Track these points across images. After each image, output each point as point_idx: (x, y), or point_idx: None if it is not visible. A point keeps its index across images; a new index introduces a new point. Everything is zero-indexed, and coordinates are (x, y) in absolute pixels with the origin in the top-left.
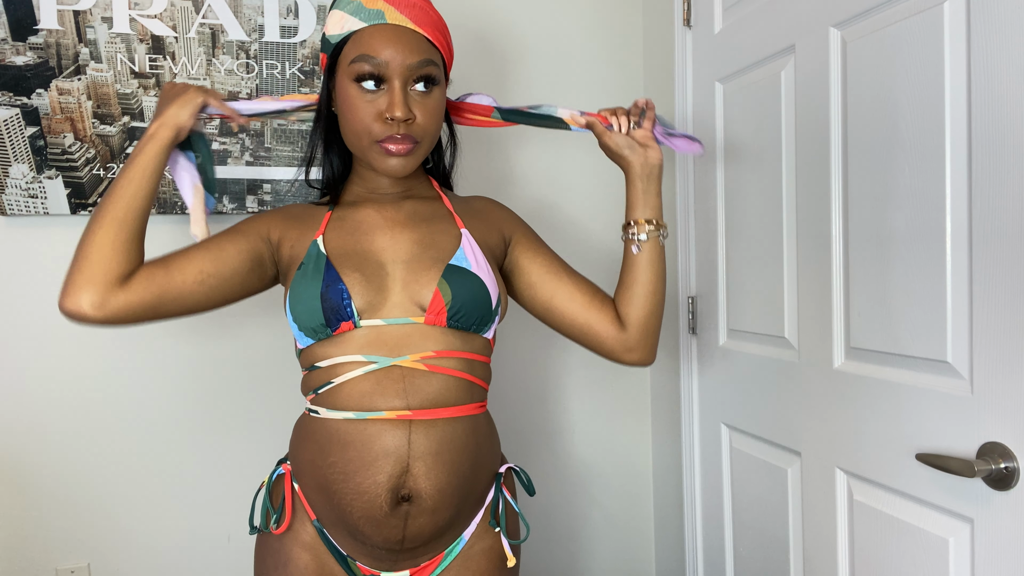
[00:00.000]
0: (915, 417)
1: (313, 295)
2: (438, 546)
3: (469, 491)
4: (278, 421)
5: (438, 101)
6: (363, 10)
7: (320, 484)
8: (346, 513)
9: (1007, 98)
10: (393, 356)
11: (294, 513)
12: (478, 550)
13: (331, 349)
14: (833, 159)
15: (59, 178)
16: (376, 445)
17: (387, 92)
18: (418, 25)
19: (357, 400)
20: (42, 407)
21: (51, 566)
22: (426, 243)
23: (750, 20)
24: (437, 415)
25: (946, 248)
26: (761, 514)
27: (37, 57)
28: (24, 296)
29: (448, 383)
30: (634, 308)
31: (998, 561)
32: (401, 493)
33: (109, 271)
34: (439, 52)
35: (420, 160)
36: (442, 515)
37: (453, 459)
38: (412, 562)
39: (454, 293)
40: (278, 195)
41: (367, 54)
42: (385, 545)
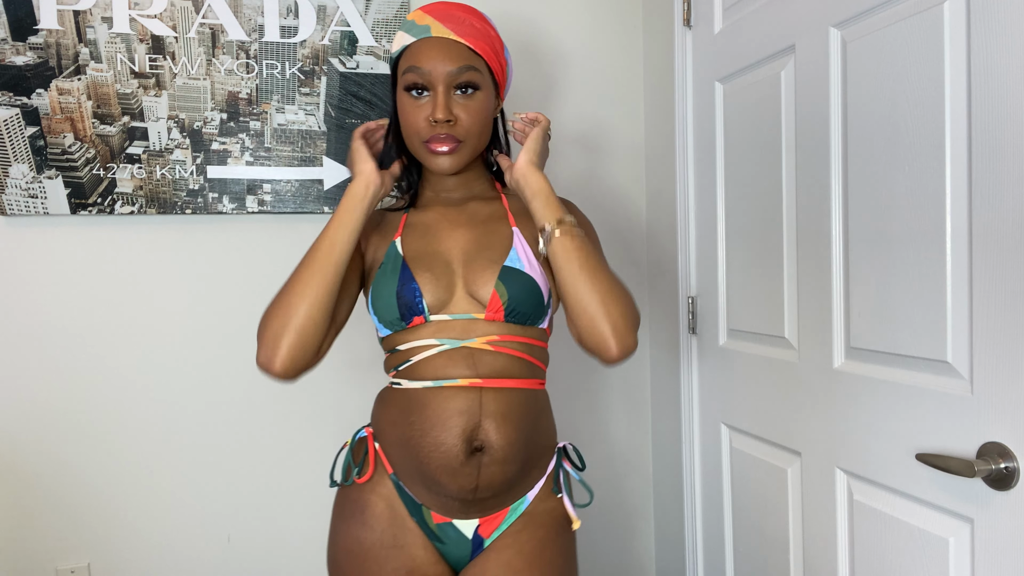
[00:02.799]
0: (915, 417)
1: (390, 293)
2: (505, 500)
3: (532, 451)
4: (278, 421)
5: (481, 104)
6: (415, 27)
7: (401, 440)
8: (424, 464)
9: (1007, 98)
10: (461, 339)
11: (375, 469)
12: (542, 510)
13: (407, 336)
14: (833, 159)
15: (59, 178)
16: (451, 405)
17: (432, 97)
18: (461, 36)
19: (433, 371)
20: (42, 407)
21: (51, 566)
22: (483, 244)
23: (750, 20)
24: (503, 384)
25: (946, 248)
26: (761, 514)
27: (37, 57)
28: (24, 296)
29: (511, 360)
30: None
31: (998, 561)
32: (474, 444)
33: (315, 346)
34: (483, 60)
35: (466, 158)
36: (511, 467)
37: (518, 420)
38: (481, 512)
39: (510, 294)
40: (278, 195)
41: (414, 65)
42: (459, 494)
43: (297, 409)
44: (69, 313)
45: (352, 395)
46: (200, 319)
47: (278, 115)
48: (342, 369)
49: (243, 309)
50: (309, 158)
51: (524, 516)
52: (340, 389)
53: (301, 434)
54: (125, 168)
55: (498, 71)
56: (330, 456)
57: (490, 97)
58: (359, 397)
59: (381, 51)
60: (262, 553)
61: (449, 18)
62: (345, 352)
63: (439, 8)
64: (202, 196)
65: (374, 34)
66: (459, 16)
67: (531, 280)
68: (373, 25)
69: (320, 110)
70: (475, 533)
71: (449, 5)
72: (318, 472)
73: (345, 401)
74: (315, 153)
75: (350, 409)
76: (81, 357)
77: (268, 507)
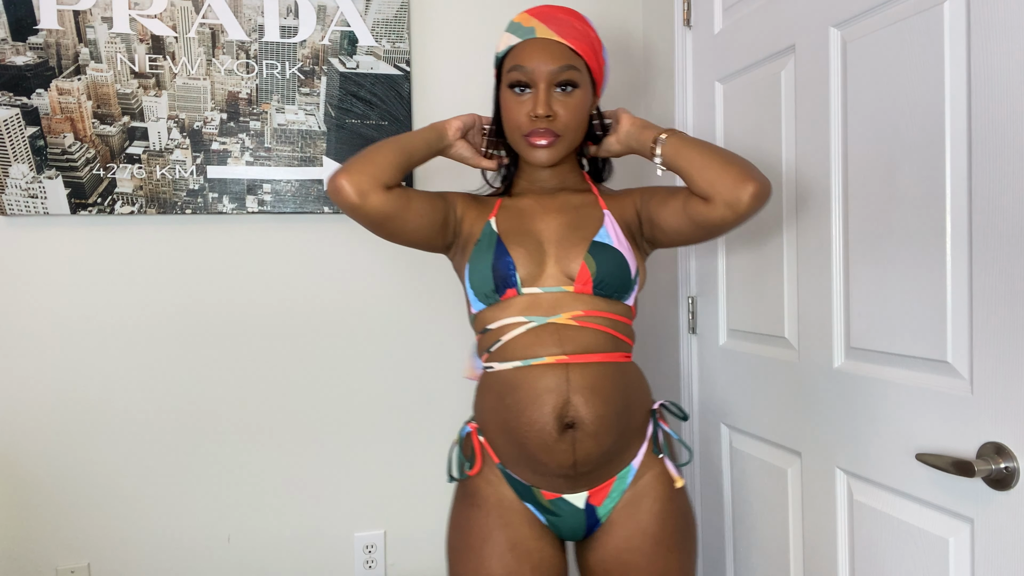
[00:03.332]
0: (915, 417)
1: (486, 266)
2: (609, 471)
3: (626, 422)
4: (278, 420)
5: (579, 101)
6: (521, 29)
7: (500, 425)
8: (523, 446)
9: (1007, 98)
10: (548, 316)
11: (483, 461)
12: (649, 476)
13: (497, 313)
14: (833, 159)
15: (59, 178)
16: (540, 384)
17: (533, 94)
18: (563, 37)
19: (521, 351)
20: (42, 407)
21: (51, 566)
22: (575, 224)
23: (750, 20)
24: (589, 359)
25: (946, 248)
26: (761, 514)
27: (37, 57)
28: (24, 296)
29: (597, 335)
30: (698, 180)
31: (998, 561)
32: (565, 421)
33: (383, 175)
34: (583, 60)
35: (563, 152)
36: (604, 439)
37: (606, 393)
38: (587, 485)
39: (598, 265)
40: (278, 195)
41: (519, 64)
42: (560, 470)
43: (297, 409)
44: (69, 313)
45: (352, 396)
46: (200, 319)
47: (278, 115)
48: (341, 371)
49: (243, 309)
50: (309, 158)
51: (635, 486)
52: (340, 389)
53: (301, 434)
54: (125, 168)
55: (596, 70)
56: (331, 456)
57: (588, 95)
58: (359, 398)
59: (381, 51)
60: (262, 553)
61: (552, 20)
62: (344, 351)
63: (543, 11)
64: (202, 196)
65: (374, 34)
66: (562, 18)
67: (619, 254)
68: (373, 25)
69: (320, 110)
70: (586, 503)
71: (553, 8)
72: (318, 472)
73: (345, 401)
74: (315, 153)
75: (349, 409)
76: (81, 357)
77: (268, 507)
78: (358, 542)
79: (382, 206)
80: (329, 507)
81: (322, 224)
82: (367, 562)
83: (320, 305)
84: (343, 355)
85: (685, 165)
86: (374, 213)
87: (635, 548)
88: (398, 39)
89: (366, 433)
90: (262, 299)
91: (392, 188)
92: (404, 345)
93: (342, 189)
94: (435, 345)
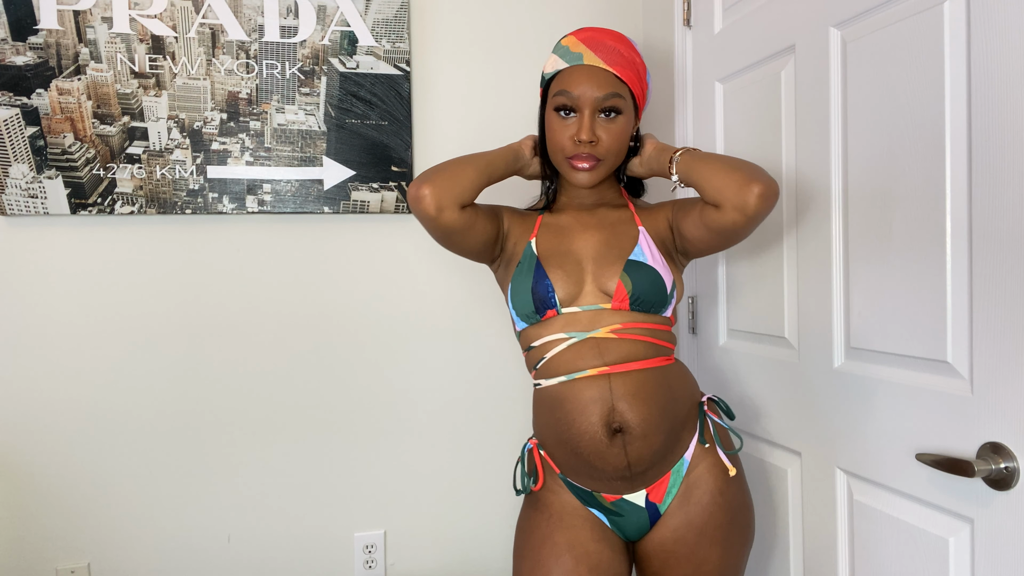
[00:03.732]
0: (915, 417)
1: (526, 289)
2: (663, 467)
3: (673, 420)
4: (278, 420)
5: (621, 127)
6: (569, 54)
7: (555, 437)
8: (578, 454)
9: (1007, 98)
10: (587, 331)
11: (545, 473)
12: (702, 467)
13: (540, 331)
14: (833, 159)
15: (59, 178)
16: (585, 395)
17: (578, 119)
18: (610, 65)
19: (564, 366)
20: (42, 407)
21: (51, 566)
22: (611, 243)
23: (750, 20)
24: (630, 367)
25: (946, 248)
26: (761, 514)
27: (37, 57)
28: (24, 296)
29: (635, 345)
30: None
31: (998, 561)
32: (613, 427)
33: (463, 195)
34: (627, 87)
35: (604, 174)
36: (653, 440)
37: (650, 396)
38: (644, 483)
39: (634, 283)
40: (278, 195)
41: (565, 89)
42: (616, 473)
43: (297, 409)
44: (69, 313)
45: (352, 396)
46: (200, 319)
47: (278, 115)
48: (341, 371)
49: (243, 309)
50: (309, 158)
51: (688, 479)
52: (340, 389)
53: (302, 434)
54: (125, 168)
55: (639, 95)
56: (330, 456)
57: (630, 120)
58: (359, 398)
59: (381, 51)
60: (262, 553)
61: (600, 47)
62: (344, 352)
63: (592, 36)
64: (202, 196)
65: (374, 34)
66: (609, 45)
67: (654, 272)
68: (373, 25)
69: (320, 110)
70: (647, 501)
71: (602, 34)
72: (318, 472)
73: (345, 401)
74: (315, 153)
75: (349, 409)
76: (81, 357)
77: (268, 507)
78: (358, 542)
79: (454, 223)
80: (329, 507)
81: (322, 224)
82: (367, 562)
83: (320, 305)
84: (343, 355)
85: (696, 177)
86: (446, 227)
87: (680, 538)
88: (398, 39)
89: (366, 433)
90: (262, 299)
91: (467, 207)
92: (404, 345)
93: (423, 200)
94: (435, 345)
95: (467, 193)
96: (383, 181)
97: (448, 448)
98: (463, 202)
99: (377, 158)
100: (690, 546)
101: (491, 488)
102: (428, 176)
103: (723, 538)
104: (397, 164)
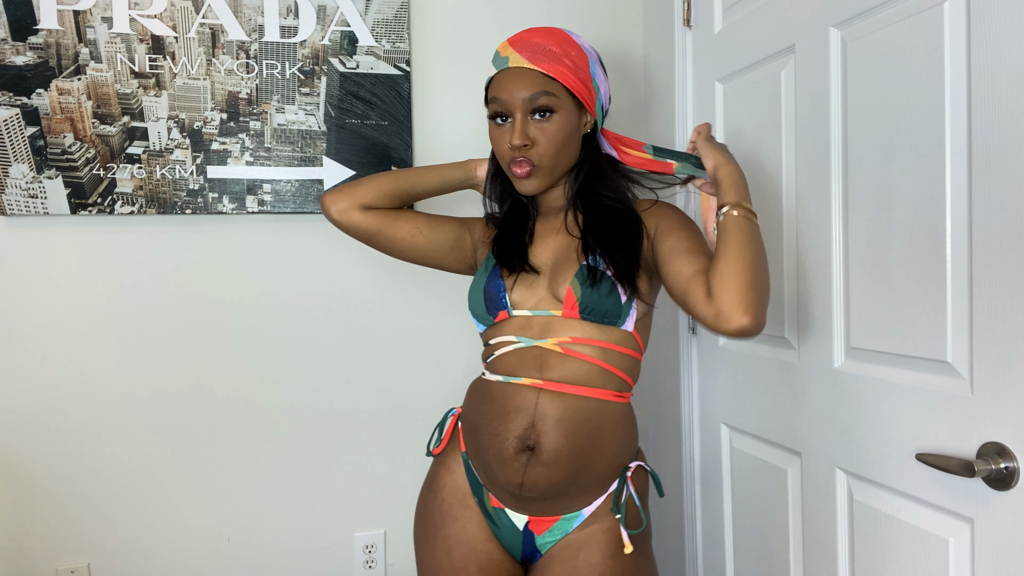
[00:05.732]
0: (915, 417)
1: (480, 288)
2: (556, 508)
3: (587, 463)
4: (278, 420)
5: (557, 125)
6: (498, 59)
7: (473, 425)
8: (484, 450)
9: (1007, 98)
10: (536, 339)
11: (450, 443)
12: (596, 528)
13: (495, 332)
14: (833, 159)
15: (59, 178)
16: (513, 402)
17: (511, 124)
18: (535, 64)
19: (505, 367)
20: (42, 407)
21: (51, 566)
22: (570, 247)
23: (750, 20)
24: (564, 389)
25: (946, 248)
26: (761, 514)
27: (37, 57)
28: (24, 296)
29: (582, 367)
30: (717, 276)
31: (998, 561)
32: (527, 443)
33: (363, 197)
34: (559, 83)
35: (547, 179)
36: (556, 472)
37: (573, 428)
38: (530, 512)
39: (583, 290)
40: (278, 195)
41: (495, 95)
42: (507, 486)
43: (298, 409)
44: (69, 313)
45: (352, 396)
46: (200, 319)
47: (278, 115)
48: (341, 371)
49: (243, 309)
50: (309, 158)
51: (579, 532)
52: (340, 389)
53: (302, 434)
54: (125, 168)
55: (579, 90)
56: (331, 455)
57: (569, 117)
58: (359, 398)
59: (381, 51)
60: (262, 553)
61: (526, 47)
62: (344, 352)
63: (519, 38)
64: (202, 196)
65: (374, 34)
66: (537, 43)
67: (607, 278)
68: (373, 25)
69: (320, 110)
70: (525, 527)
71: (531, 32)
72: (318, 472)
73: (345, 401)
74: (315, 153)
75: (350, 409)
76: (81, 357)
77: (268, 507)
78: (358, 542)
79: (359, 223)
80: (329, 507)
81: (322, 224)
82: (367, 562)
83: (320, 305)
84: (343, 355)
85: (722, 249)
86: (352, 229)
87: None
88: (398, 39)
89: (366, 433)
90: (262, 299)
91: (374, 209)
92: (404, 345)
93: (323, 206)
94: (436, 345)
95: (368, 195)
96: None
97: None
98: (365, 203)
99: (377, 158)
100: None
101: None
102: (338, 185)
103: None
104: (397, 164)
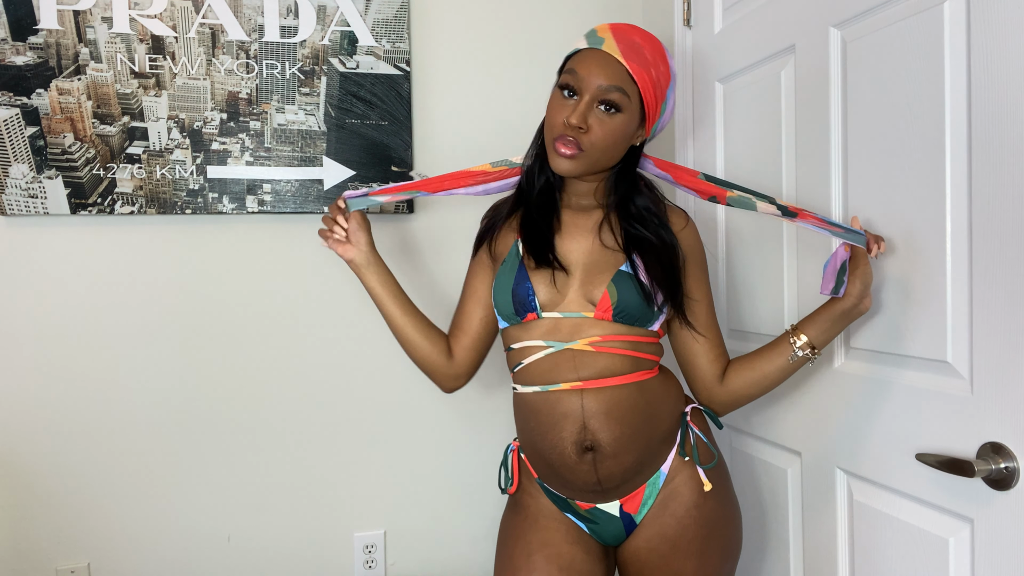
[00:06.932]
0: (915, 417)
1: (507, 289)
2: (638, 481)
3: (649, 437)
4: (279, 422)
5: (617, 125)
6: (593, 36)
7: (531, 445)
8: (550, 463)
9: (1007, 98)
10: (566, 341)
11: (523, 475)
12: (679, 480)
13: (521, 333)
14: (833, 159)
15: (59, 178)
16: (558, 410)
17: (576, 102)
18: (625, 58)
19: (540, 376)
20: (42, 407)
21: (51, 566)
22: (607, 251)
23: (750, 20)
24: (604, 383)
25: (946, 248)
26: (761, 514)
27: (37, 57)
28: (24, 296)
29: (614, 359)
30: (743, 386)
31: (998, 561)
32: (584, 444)
33: (435, 363)
34: (636, 87)
35: (584, 167)
36: (624, 458)
37: (624, 415)
38: (618, 495)
39: (620, 295)
40: (278, 195)
41: (573, 68)
42: (586, 487)
43: (297, 409)
44: (69, 313)
45: (352, 396)
46: (200, 319)
47: (278, 115)
48: (341, 371)
49: (243, 309)
50: (309, 158)
51: (665, 490)
52: (340, 389)
53: (302, 434)
54: (125, 168)
55: (649, 103)
56: (331, 456)
57: (631, 123)
58: (359, 398)
59: (381, 51)
60: (262, 553)
61: (624, 39)
62: (344, 351)
63: (620, 27)
64: (202, 196)
65: (374, 34)
66: (635, 41)
67: (644, 286)
68: (373, 25)
69: (320, 110)
70: (621, 511)
71: (632, 29)
72: (318, 472)
73: (345, 401)
74: (315, 153)
75: (350, 409)
76: (81, 357)
77: (268, 507)
78: (358, 542)
79: (469, 375)
80: (329, 507)
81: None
82: (367, 562)
83: (320, 305)
84: (343, 355)
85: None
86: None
87: (653, 549)
88: (398, 39)
89: (366, 433)
90: (262, 299)
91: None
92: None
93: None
94: None
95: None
96: (383, 181)
97: (448, 448)
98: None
99: (377, 158)
100: (664, 558)
101: (491, 488)
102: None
103: (698, 551)
104: (397, 164)
